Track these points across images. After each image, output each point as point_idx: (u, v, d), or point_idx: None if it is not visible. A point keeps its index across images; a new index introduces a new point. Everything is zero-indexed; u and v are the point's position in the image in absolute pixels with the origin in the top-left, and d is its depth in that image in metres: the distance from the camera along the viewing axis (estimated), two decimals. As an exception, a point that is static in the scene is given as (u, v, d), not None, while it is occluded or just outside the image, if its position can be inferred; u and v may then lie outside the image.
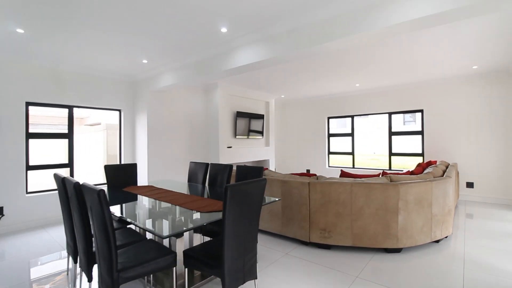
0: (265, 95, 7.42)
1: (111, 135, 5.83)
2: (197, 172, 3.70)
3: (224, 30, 3.25)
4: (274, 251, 3.18)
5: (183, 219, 2.19)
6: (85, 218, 2.10)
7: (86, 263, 2.15)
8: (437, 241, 3.30)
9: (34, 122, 4.56)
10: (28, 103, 4.27)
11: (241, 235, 1.96)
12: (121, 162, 5.53)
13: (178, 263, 2.18)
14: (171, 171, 5.71)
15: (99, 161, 6.14)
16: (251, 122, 6.96)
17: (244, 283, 2.00)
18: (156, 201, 2.72)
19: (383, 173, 3.68)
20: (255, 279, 2.11)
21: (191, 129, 6.13)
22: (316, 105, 8.31)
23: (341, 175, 3.75)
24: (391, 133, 6.89)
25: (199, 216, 2.22)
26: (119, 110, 5.46)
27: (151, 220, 2.23)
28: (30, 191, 4.32)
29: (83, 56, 4.12)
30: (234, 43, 3.65)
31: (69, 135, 4.74)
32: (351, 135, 7.71)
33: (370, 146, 7.75)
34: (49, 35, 3.34)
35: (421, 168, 4.50)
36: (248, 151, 6.92)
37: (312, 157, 8.41)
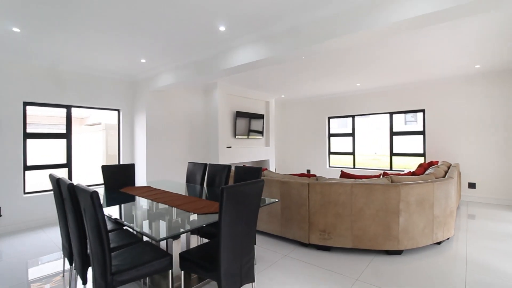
0: (265, 95, 7.38)
1: (111, 135, 5.80)
2: (195, 172, 3.66)
3: (222, 29, 3.21)
4: (273, 252, 3.14)
5: (180, 221, 2.15)
6: (79, 219, 2.06)
7: (80, 265, 2.11)
8: (439, 242, 3.25)
9: (34, 122, 4.54)
10: (25, 103, 4.24)
11: (238, 238, 1.92)
12: (120, 162, 5.50)
13: (174, 265, 2.14)
14: (170, 171, 5.68)
15: (98, 161, 6.11)
16: (251, 122, 6.92)
17: (241, 286, 1.96)
18: (153, 202, 2.68)
19: (384, 174, 3.63)
20: (253, 282, 2.07)
21: (190, 129, 6.09)
22: (316, 105, 8.26)
23: (341, 176, 3.71)
24: (392, 133, 6.83)
25: (196, 217, 2.18)
26: (118, 110, 5.43)
27: (147, 222, 2.19)
28: (28, 191, 4.29)
29: (81, 55, 4.08)
30: (233, 42, 3.61)
31: (67, 135, 4.71)
32: (352, 135, 7.65)
33: (371, 146, 7.70)
34: (46, 35, 3.30)
35: (422, 168, 4.45)
36: (248, 151, 6.87)
37: (312, 157, 8.36)
